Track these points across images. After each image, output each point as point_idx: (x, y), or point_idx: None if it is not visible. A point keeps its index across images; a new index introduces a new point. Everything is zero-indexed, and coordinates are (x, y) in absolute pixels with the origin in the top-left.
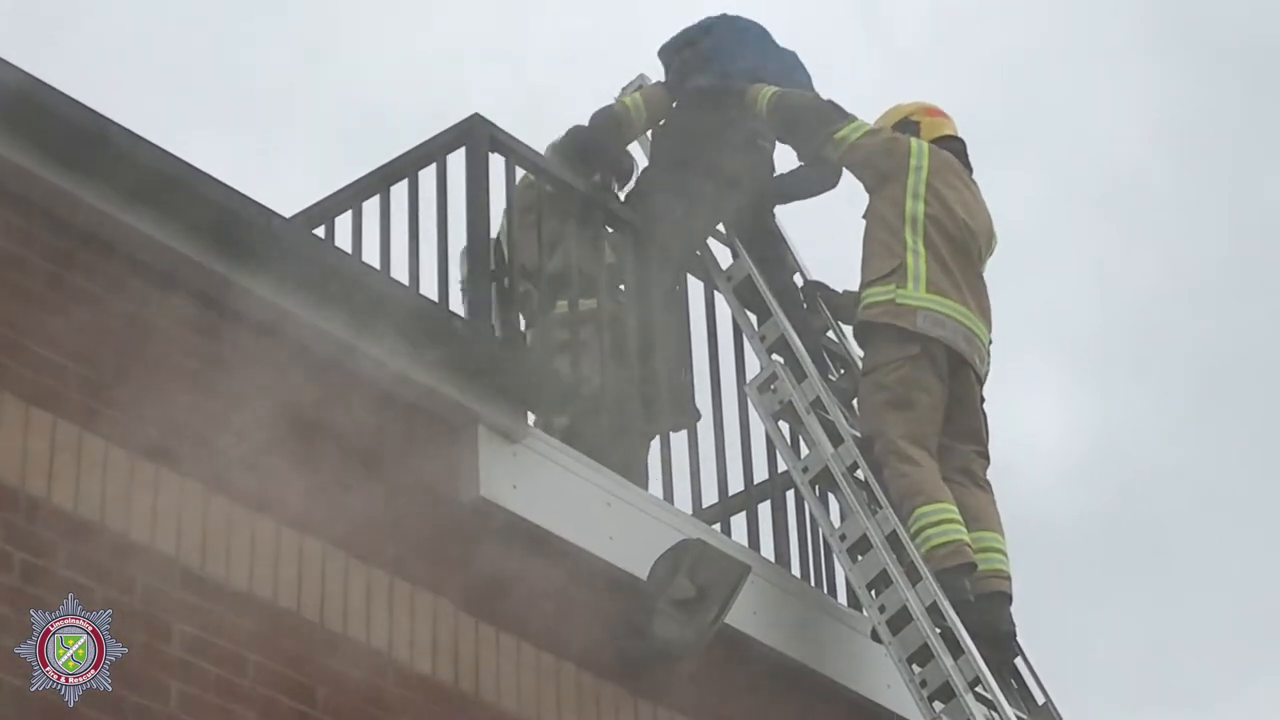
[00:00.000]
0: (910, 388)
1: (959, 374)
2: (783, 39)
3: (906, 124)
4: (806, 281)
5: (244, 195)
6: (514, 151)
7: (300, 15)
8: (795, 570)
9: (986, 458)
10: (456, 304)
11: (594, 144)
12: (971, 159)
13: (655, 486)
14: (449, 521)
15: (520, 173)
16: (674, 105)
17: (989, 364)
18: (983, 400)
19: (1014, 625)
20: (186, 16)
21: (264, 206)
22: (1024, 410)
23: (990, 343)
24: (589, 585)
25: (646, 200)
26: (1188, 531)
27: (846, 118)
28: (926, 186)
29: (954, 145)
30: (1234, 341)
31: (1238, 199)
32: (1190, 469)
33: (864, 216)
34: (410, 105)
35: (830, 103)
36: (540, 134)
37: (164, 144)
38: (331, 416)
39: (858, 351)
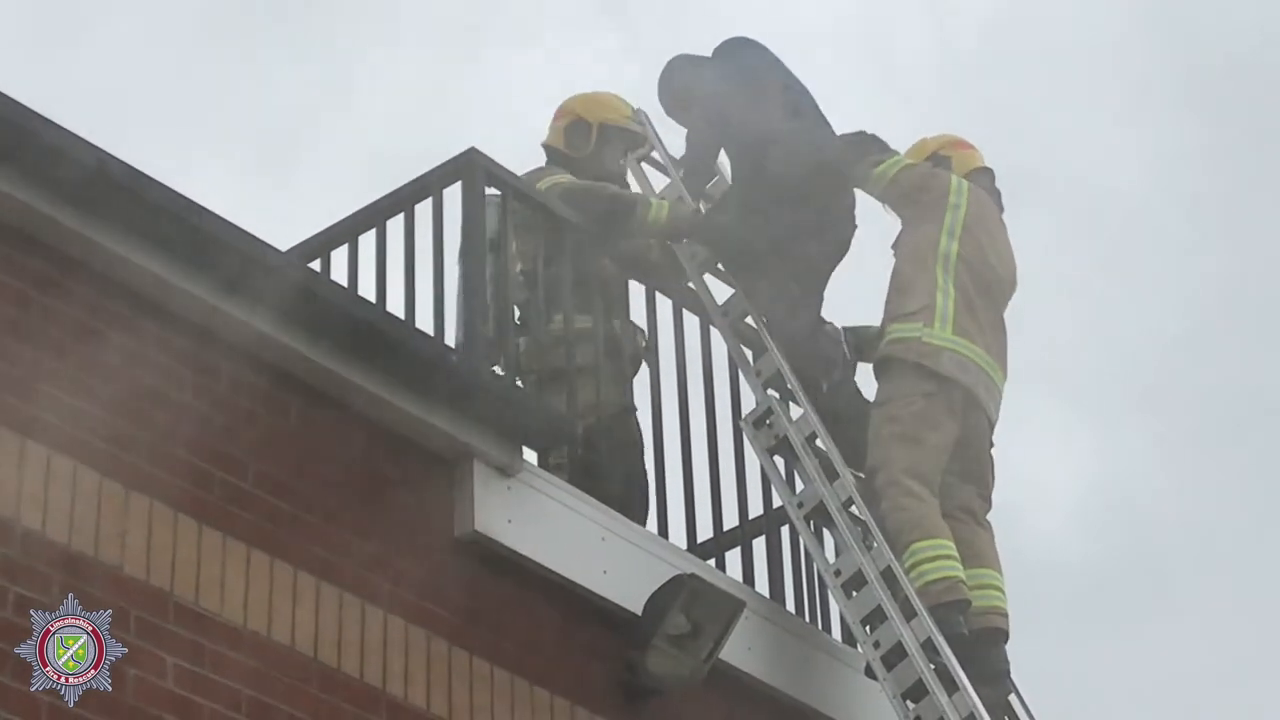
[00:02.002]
0: (921, 424)
1: (971, 416)
2: None
3: (937, 159)
4: None
5: (240, 228)
6: (509, 186)
7: (310, 54)
8: (790, 606)
9: (988, 501)
10: (452, 338)
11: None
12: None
13: (650, 521)
14: (443, 555)
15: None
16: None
17: (1000, 409)
18: (991, 445)
19: (1009, 663)
20: (196, 55)
21: (259, 239)
22: (1027, 453)
23: (1003, 388)
24: (583, 620)
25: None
26: (1190, 575)
27: (886, 151)
28: (963, 226)
29: (984, 178)
30: (1237, 385)
31: (1241, 244)
32: (1193, 513)
33: (893, 247)
34: (418, 141)
35: (869, 135)
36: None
37: (166, 177)
38: (326, 450)
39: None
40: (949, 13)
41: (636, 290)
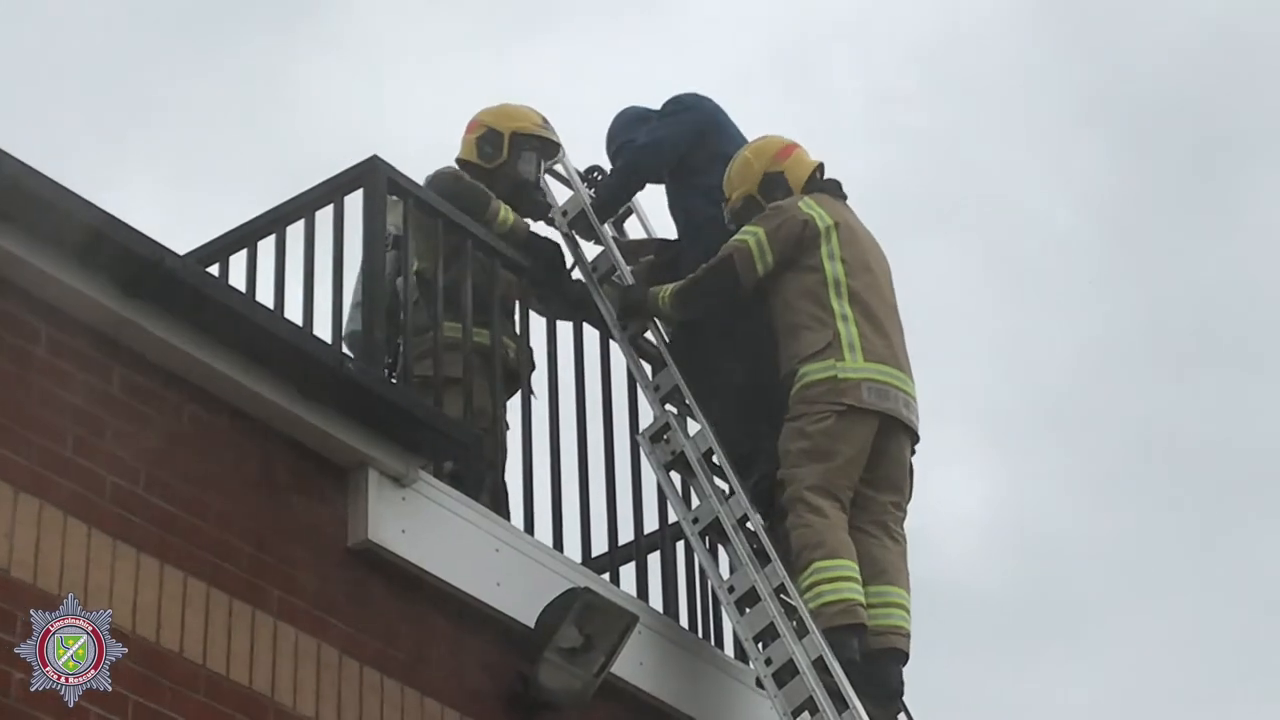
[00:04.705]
0: (832, 439)
1: (888, 427)
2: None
3: (774, 179)
4: None
5: (139, 231)
6: (411, 194)
7: (232, 66)
8: (683, 621)
9: (903, 510)
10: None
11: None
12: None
13: (545, 534)
14: (336, 564)
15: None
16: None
17: (919, 415)
18: (913, 453)
19: (903, 684)
20: (125, 63)
21: (157, 243)
22: (941, 481)
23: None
24: (476, 632)
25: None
26: (1097, 601)
27: (741, 251)
28: (839, 244)
29: (818, 177)
30: (1147, 414)
31: (1159, 274)
32: (1100, 540)
33: (769, 283)
34: (336, 151)
35: (711, 270)
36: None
37: (80, 183)
38: (220, 456)
39: None
40: (876, 46)
41: None
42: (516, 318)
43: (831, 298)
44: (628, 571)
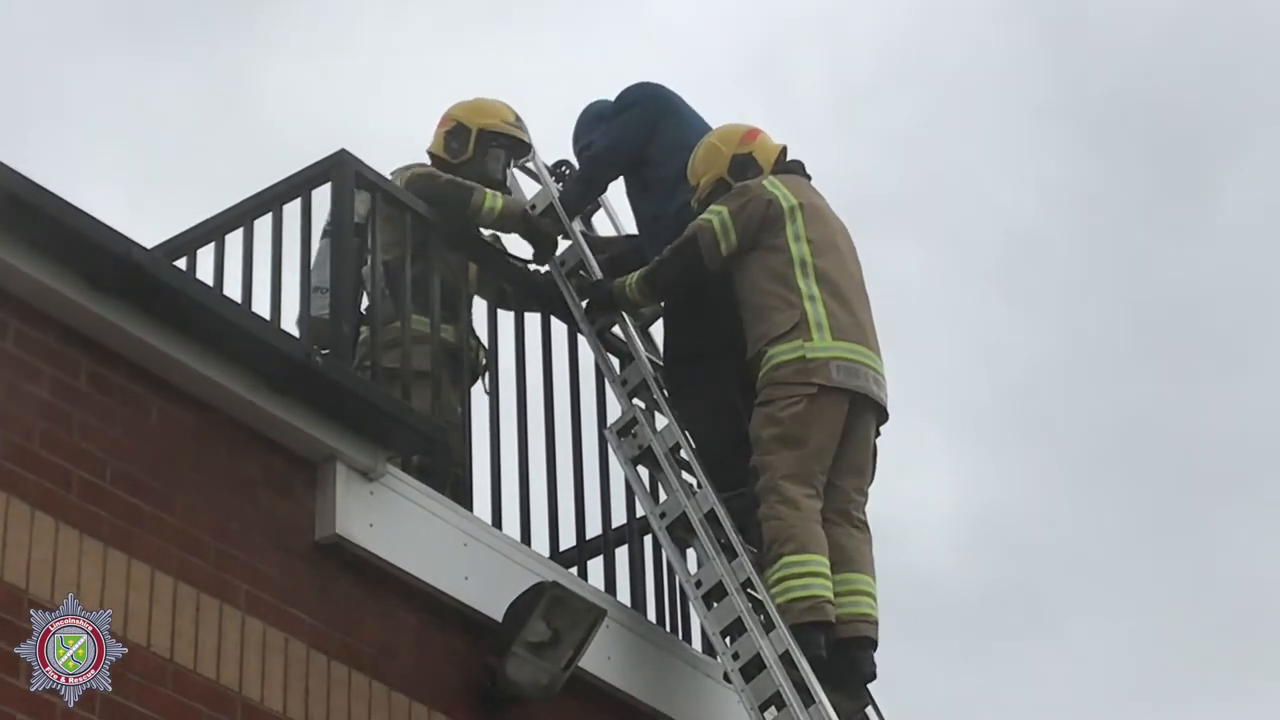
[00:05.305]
0: (804, 425)
1: (858, 407)
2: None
3: (744, 160)
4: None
5: (105, 224)
6: (379, 188)
7: (201, 58)
8: (651, 615)
9: (865, 494)
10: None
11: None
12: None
13: (512, 528)
14: (304, 558)
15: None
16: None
17: (888, 393)
18: (878, 435)
19: (875, 669)
20: (86, 51)
21: (124, 236)
22: (913, 477)
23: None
24: (443, 626)
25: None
26: (1065, 599)
27: (705, 230)
28: (805, 224)
29: (785, 159)
30: (1120, 412)
31: (1131, 272)
32: (1073, 537)
33: (736, 265)
34: (307, 143)
35: (677, 250)
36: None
37: (52, 178)
38: (187, 450)
39: None
40: (843, 42)
41: None
42: (483, 314)
43: (798, 277)
44: (595, 566)
